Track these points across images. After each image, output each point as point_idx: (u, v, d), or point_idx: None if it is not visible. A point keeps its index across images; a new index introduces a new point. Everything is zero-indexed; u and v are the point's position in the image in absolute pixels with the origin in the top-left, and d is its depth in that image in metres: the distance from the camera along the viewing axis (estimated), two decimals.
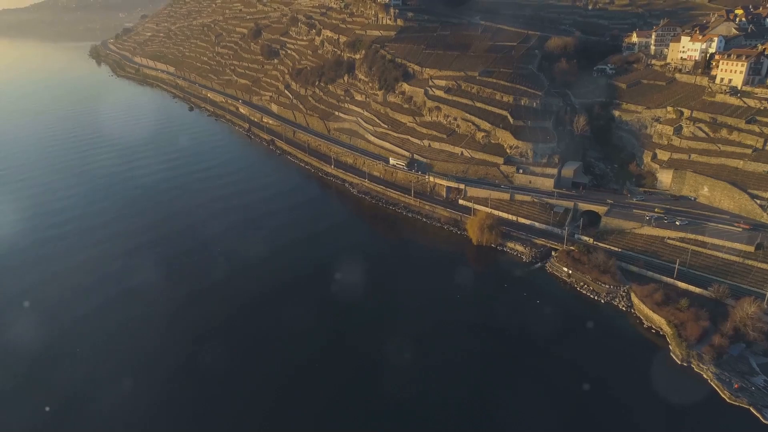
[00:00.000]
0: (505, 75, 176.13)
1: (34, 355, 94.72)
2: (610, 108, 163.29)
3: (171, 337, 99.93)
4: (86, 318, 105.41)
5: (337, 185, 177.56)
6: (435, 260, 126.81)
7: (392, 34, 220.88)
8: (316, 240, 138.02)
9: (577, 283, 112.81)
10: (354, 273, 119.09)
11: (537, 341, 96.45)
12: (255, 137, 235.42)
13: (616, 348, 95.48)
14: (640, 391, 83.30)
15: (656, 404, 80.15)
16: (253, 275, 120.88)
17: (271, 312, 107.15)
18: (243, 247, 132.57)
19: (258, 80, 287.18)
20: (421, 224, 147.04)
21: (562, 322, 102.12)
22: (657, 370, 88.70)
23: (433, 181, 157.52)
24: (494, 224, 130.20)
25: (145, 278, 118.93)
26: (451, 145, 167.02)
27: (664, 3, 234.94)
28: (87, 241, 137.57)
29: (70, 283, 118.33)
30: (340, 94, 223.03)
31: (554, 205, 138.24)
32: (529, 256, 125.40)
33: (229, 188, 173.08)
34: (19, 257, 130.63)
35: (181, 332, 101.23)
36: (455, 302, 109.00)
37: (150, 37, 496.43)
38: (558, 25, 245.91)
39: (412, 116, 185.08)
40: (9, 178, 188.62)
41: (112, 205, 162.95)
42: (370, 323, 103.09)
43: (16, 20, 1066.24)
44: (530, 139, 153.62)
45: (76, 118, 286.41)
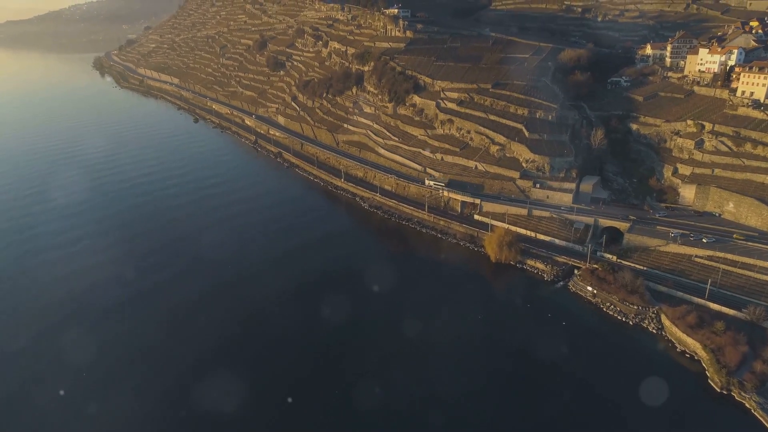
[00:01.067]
0: (519, 87, 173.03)
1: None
2: (627, 121, 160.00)
3: (186, 347, 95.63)
4: (85, 331, 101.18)
5: (347, 199, 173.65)
6: (453, 278, 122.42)
7: (402, 46, 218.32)
8: (329, 257, 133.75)
9: (602, 303, 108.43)
10: (370, 290, 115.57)
11: (565, 365, 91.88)
12: (262, 150, 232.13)
13: (649, 374, 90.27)
14: (678, 422, 78.78)
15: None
16: (266, 292, 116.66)
17: (284, 328, 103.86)
18: (255, 265, 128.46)
19: (264, 92, 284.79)
20: (436, 240, 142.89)
21: (590, 345, 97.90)
22: (695, 398, 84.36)
23: (447, 195, 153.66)
24: (513, 241, 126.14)
25: (156, 293, 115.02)
26: (465, 159, 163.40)
27: (676, 15, 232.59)
28: (96, 262, 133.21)
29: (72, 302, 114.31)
30: (349, 106, 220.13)
31: (574, 221, 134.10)
32: (551, 274, 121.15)
33: (238, 205, 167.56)
34: (29, 280, 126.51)
35: (200, 340, 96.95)
36: (478, 322, 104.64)
37: (154, 49, 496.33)
38: (568, 38, 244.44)
39: (424, 129, 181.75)
40: (16, 193, 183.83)
41: (120, 220, 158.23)
42: (389, 343, 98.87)
43: (20, 32, 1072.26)
44: (547, 152, 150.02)
45: (81, 129, 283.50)
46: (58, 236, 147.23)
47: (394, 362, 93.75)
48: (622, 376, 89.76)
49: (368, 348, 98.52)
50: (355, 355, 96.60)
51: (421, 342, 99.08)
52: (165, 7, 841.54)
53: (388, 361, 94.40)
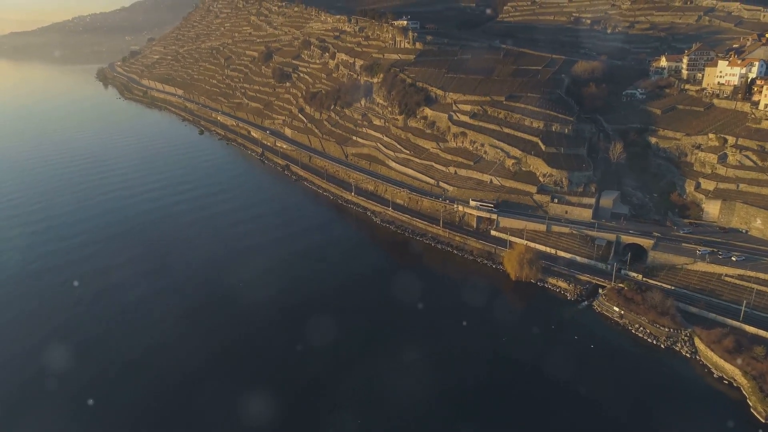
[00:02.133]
0: (533, 100, 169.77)
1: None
2: (646, 134, 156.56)
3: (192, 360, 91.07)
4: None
5: (358, 213, 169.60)
6: (472, 297, 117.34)
7: (411, 58, 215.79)
8: (341, 274, 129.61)
9: (631, 325, 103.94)
10: (386, 309, 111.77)
11: (597, 392, 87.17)
12: (269, 162, 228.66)
13: (685, 402, 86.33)
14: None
15: None
16: (278, 308, 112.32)
17: (297, 346, 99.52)
18: (266, 281, 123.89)
19: (270, 104, 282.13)
20: (452, 257, 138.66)
21: (621, 370, 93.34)
22: (737, 429, 79.55)
23: (462, 210, 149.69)
24: (534, 258, 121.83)
25: (169, 310, 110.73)
26: (479, 173, 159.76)
27: (687, 27, 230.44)
28: (107, 282, 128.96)
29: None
30: (358, 119, 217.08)
31: (595, 238, 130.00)
32: (574, 293, 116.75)
33: (248, 223, 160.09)
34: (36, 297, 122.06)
35: (206, 356, 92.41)
36: (503, 345, 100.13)
37: (158, 60, 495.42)
38: (578, 49, 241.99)
39: (436, 142, 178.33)
40: (23, 209, 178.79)
41: (127, 238, 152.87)
42: (414, 366, 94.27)
43: (23, 43, 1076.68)
44: (564, 166, 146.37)
45: (85, 141, 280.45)
46: (65, 251, 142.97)
47: (416, 386, 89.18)
48: (658, 404, 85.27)
49: (386, 371, 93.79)
50: (372, 377, 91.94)
51: (444, 366, 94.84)
52: (168, 19, 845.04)
53: (409, 386, 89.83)
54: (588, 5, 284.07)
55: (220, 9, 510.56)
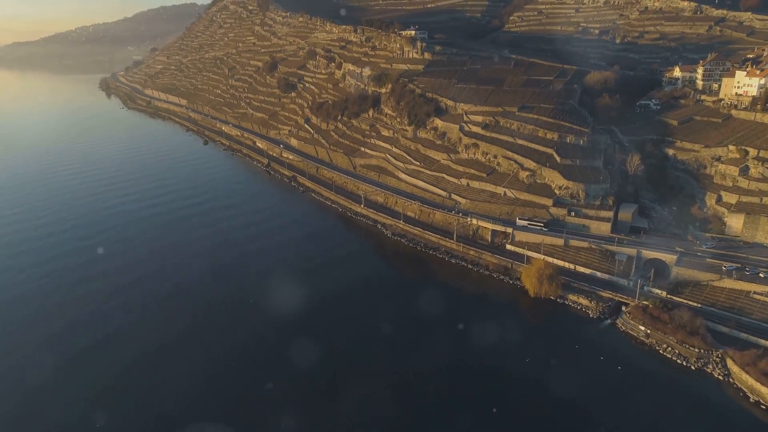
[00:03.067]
0: (547, 111, 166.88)
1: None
2: (663, 146, 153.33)
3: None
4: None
5: (368, 226, 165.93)
6: (491, 314, 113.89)
7: (420, 68, 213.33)
8: (353, 289, 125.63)
9: (658, 345, 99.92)
10: (402, 327, 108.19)
11: (630, 417, 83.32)
12: (275, 173, 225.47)
13: (719, 428, 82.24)
14: None
15: None
16: (292, 325, 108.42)
17: (310, 366, 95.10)
18: (279, 297, 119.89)
19: (275, 114, 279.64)
20: (466, 272, 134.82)
21: (651, 394, 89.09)
22: None
23: (476, 223, 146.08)
24: (554, 274, 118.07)
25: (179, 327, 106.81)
26: (492, 185, 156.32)
27: (698, 37, 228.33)
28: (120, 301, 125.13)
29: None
30: (366, 129, 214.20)
31: (615, 253, 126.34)
32: (596, 311, 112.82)
33: (258, 241, 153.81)
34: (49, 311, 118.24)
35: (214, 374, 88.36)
36: (526, 366, 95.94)
37: (161, 70, 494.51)
38: (587, 59, 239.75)
39: (447, 153, 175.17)
40: (29, 224, 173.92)
41: (135, 251, 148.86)
42: (435, 386, 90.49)
43: (26, 53, 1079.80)
44: (581, 179, 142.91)
45: (88, 151, 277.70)
46: (72, 270, 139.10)
47: (435, 408, 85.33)
48: (692, 430, 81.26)
49: (406, 394, 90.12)
50: (392, 400, 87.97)
51: (466, 387, 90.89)
52: (170, 30, 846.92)
53: (428, 408, 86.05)
54: (595, 15, 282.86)
55: (224, 19, 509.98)
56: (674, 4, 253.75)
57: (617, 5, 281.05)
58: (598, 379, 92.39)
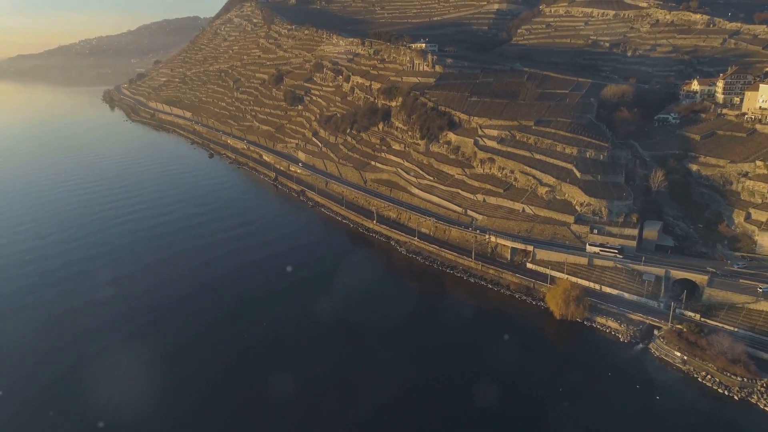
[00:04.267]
0: (564, 125, 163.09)
1: None
2: (686, 161, 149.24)
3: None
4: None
5: (381, 243, 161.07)
6: (515, 338, 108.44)
7: (431, 81, 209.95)
8: (370, 310, 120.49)
9: (696, 372, 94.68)
10: (424, 352, 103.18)
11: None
12: (283, 187, 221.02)
13: None
14: None
15: None
16: (312, 349, 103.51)
17: (330, 389, 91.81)
18: (293, 318, 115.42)
19: (282, 127, 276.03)
20: (486, 291, 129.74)
21: (693, 427, 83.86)
22: None
23: (495, 241, 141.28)
24: (581, 295, 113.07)
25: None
26: (510, 201, 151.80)
27: (712, 50, 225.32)
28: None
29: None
30: (376, 143, 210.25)
31: (642, 272, 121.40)
32: (627, 335, 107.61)
33: (271, 262, 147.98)
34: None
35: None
36: (559, 396, 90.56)
37: (165, 83, 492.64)
38: (599, 72, 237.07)
39: (461, 168, 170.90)
40: (37, 244, 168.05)
41: (143, 273, 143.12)
42: (460, 416, 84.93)
43: (30, 65, 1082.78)
44: (603, 195, 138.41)
45: (93, 164, 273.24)
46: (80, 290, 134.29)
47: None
48: None
49: (428, 420, 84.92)
50: (412, 427, 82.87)
51: (500, 420, 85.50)
52: (173, 42, 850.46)
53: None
54: (605, 28, 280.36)
55: (228, 32, 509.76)
56: (686, 17, 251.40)
57: (627, 18, 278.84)
58: (636, 410, 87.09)
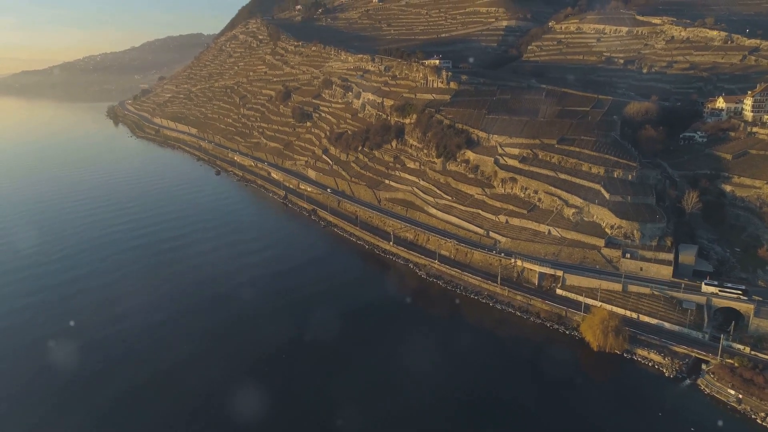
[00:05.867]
0: (588, 143, 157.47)
1: None
2: (718, 181, 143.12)
3: None
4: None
5: (398, 266, 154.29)
6: (550, 372, 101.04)
7: (447, 98, 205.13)
8: (393, 338, 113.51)
9: (755, 413, 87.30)
10: (454, 380, 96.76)
11: None
12: (293, 206, 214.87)
13: None
14: None
15: None
16: (333, 382, 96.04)
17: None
18: (313, 345, 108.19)
19: (290, 144, 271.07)
20: (514, 319, 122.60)
21: None
22: None
23: (521, 265, 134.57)
24: (620, 326, 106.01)
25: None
26: (535, 222, 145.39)
27: (732, 67, 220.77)
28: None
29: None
30: (389, 161, 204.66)
31: (682, 300, 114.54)
32: (671, 369, 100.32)
33: (280, 274, 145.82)
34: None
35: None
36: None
37: (169, 99, 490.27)
38: (614, 89, 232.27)
39: (481, 187, 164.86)
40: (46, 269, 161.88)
41: (153, 297, 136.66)
42: None
43: (34, 81, 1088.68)
44: (635, 217, 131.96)
45: (98, 181, 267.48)
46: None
47: None
48: None
49: None
50: None
51: None
52: (177, 59, 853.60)
53: None
54: (618, 45, 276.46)
55: (233, 48, 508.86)
56: (703, 34, 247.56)
57: (640, 35, 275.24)
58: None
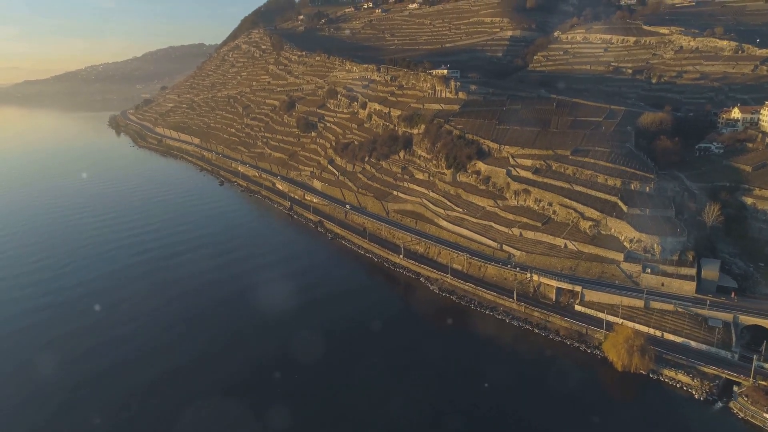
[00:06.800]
0: (603, 155, 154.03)
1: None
2: (738, 194, 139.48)
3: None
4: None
5: (410, 280, 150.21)
6: (572, 392, 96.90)
7: (456, 108, 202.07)
8: (407, 357, 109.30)
9: None
10: (474, 397, 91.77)
11: None
12: (298, 217, 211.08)
13: None
14: None
15: None
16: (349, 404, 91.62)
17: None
18: (325, 370, 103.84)
19: (295, 154, 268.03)
20: (533, 337, 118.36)
21: None
22: None
23: (537, 280, 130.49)
24: (646, 345, 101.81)
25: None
26: (550, 236, 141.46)
27: (743, 77, 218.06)
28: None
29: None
30: (397, 172, 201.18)
31: (708, 318, 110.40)
32: (701, 390, 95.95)
33: (289, 288, 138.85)
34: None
35: None
36: None
37: (172, 108, 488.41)
38: (624, 99, 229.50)
39: (493, 199, 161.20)
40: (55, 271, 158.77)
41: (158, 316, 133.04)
42: None
43: (36, 91, 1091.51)
44: (654, 231, 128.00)
45: (101, 191, 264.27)
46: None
47: None
48: None
49: None
50: None
51: None
52: (179, 69, 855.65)
53: None
54: (626, 55, 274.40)
55: (236, 58, 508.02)
56: (712, 44, 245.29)
57: (648, 45, 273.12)
58: None
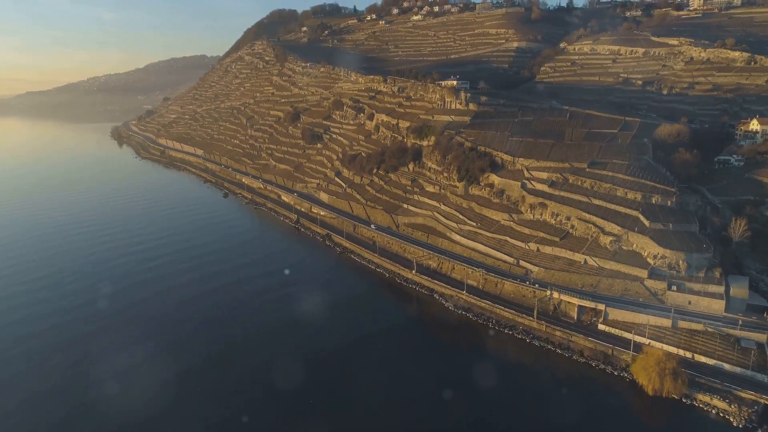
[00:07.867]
0: (621, 167, 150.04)
1: None
2: (763, 208, 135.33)
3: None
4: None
5: (423, 296, 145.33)
6: (601, 418, 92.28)
7: (466, 120, 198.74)
8: (425, 381, 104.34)
9: None
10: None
11: None
12: (305, 230, 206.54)
13: None
14: None
15: None
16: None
17: None
18: (343, 393, 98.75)
19: (301, 166, 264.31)
20: (555, 357, 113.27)
21: None
22: None
23: (557, 297, 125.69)
24: (678, 368, 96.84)
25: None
26: (569, 251, 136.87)
27: (757, 88, 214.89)
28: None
29: None
30: (407, 184, 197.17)
31: (740, 338, 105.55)
32: (739, 417, 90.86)
33: (299, 307, 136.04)
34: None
35: None
36: None
37: (175, 119, 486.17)
38: (636, 111, 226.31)
39: (507, 213, 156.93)
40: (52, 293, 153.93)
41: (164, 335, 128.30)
42: None
43: (38, 102, 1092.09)
44: (679, 247, 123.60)
45: (104, 204, 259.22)
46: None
47: None
48: None
49: None
50: None
51: None
52: (181, 80, 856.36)
53: None
54: (635, 66, 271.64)
55: (239, 69, 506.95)
56: (724, 55, 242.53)
57: (658, 56, 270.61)
58: None
